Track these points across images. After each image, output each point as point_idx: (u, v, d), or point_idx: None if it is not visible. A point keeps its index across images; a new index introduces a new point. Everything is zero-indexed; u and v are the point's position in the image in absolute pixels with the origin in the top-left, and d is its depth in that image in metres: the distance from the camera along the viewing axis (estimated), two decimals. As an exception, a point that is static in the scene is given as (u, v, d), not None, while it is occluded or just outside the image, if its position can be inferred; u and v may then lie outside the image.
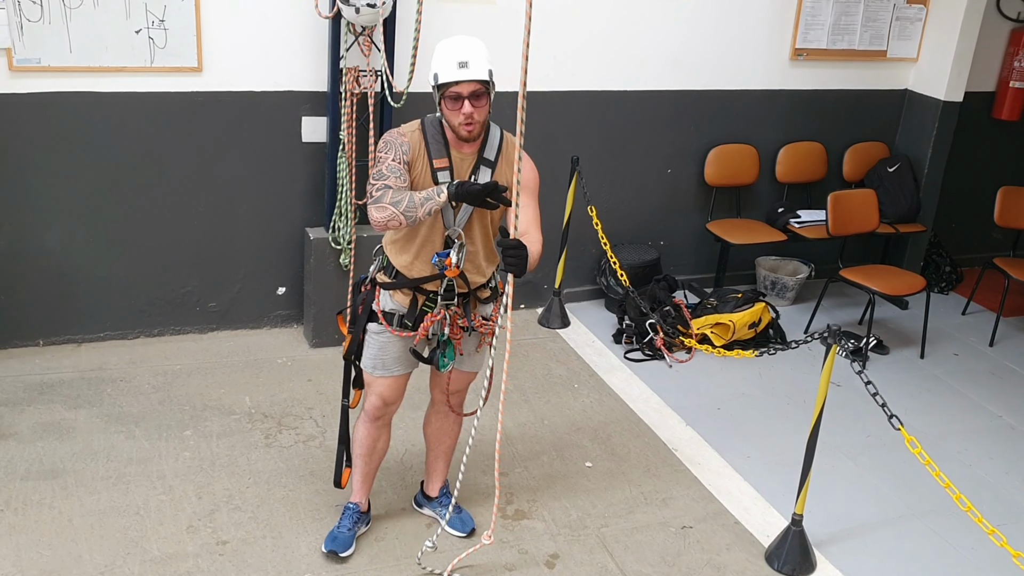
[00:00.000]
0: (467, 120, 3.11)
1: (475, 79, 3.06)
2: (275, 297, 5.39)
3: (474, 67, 3.07)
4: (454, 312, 3.39)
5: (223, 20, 4.71)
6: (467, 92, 3.07)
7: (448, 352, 3.44)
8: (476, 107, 3.10)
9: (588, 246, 5.85)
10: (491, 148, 3.28)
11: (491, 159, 3.28)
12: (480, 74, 3.08)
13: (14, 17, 4.37)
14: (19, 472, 3.98)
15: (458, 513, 3.88)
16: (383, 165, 3.21)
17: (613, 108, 5.69)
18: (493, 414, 4.71)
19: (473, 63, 3.08)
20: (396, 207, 3.10)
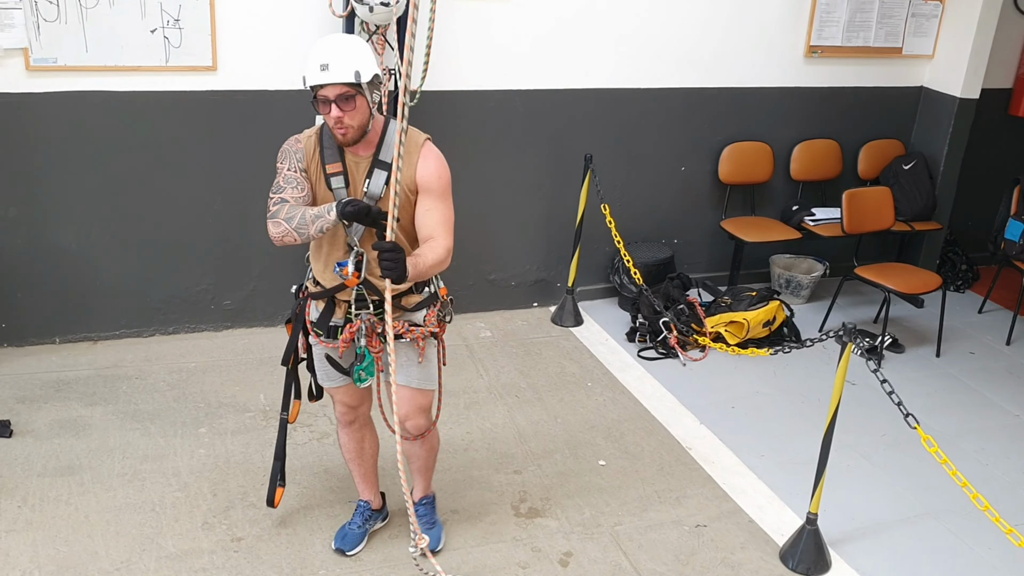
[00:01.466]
0: (337, 124, 2.95)
1: (336, 82, 2.88)
2: (289, 295, 5.35)
3: (336, 69, 2.88)
4: (372, 322, 3.19)
5: (237, 19, 4.73)
6: (333, 95, 2.90)
7: (368, 367, 3.21)
8: (345, 111, 2.92)
9: (601, 244, 5.84)
10: (388, 149, 3.07)
11: (387, 161, 3.06)
12: (342, 76, 2.88)
13: (31, 17, 4.40)
14: (36, 468, 4.01)
15: (430, 528, 3.72)
16: (280, 176, 3.10)
17: (627, 106, 5.67)
18: (507, 411, 4.74)
19: (336, 65, 2.88)
20: (289, 223, 2.99)
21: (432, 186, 3.09)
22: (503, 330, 5.64)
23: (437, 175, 3.11)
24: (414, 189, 3.09)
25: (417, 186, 3.09)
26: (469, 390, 4.94)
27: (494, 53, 5.23)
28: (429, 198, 3.08)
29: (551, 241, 5.81)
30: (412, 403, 3.37)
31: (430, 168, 3.08)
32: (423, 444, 3.53)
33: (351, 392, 3.43)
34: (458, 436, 4.52)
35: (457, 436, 4.52)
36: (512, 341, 5.52)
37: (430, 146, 3.13)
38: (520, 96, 5.38)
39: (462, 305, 5.72)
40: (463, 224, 5.45)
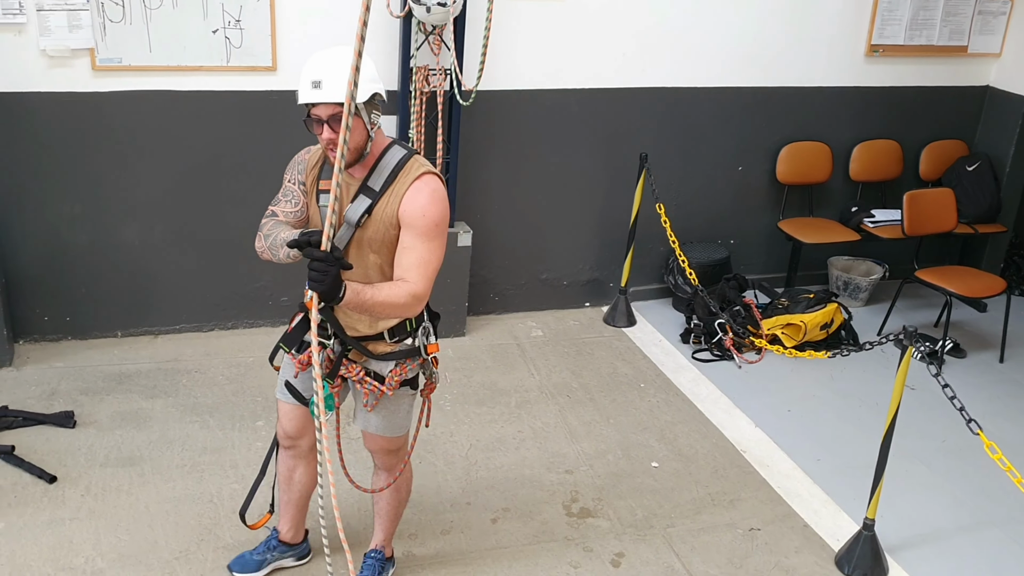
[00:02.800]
0: (330, 146, 2.72)
1: (328, 101, 2.63)
2: (344, 293, 5.45)
3: (328, 88, 2.62)
4: (332, 357, 2.94)
5: (297, 20, 4.79)
6: (325, 115, 2.66)
7: (327, 400, 2.86)
8: (338, 132, 2.64)
9: (656, 244, 5.81)
10: (379, 176, 2.79)
11: (375, 188, 2.79)
12: (335, 95, 2.61)
13: (97, 18, 4.51)
14: (99, 459, 4.11)
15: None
16: (282, 187, 3.00)
17: (683, 104, 5.63)
18: (558, 411, 4.72)
19: (328, 82, 2.62)
20: (266, 241, 2.88)
21: (414, 223, 2.75)
22: (555, 330, 5.63)
23: (422, 212, 2.74)
24: (394, 223, 2.77)
25: (398, 220, 2.77)
26: (520, 389, 4.95)
27: (550, 52, 5.23)
28: (408, 235, 2.76)
29: (604, 241, 5.79)
30: (375, 444, 3.17)
31: (416, 203, 2.74)
32: (392, 487, 3.29)
33: (294, 417, 3.20)
34: (509, 435, 4.53)
35: (508, 435, 4.52)
36: (564, 341, 5.51)
37: (428, 180, 2.78)
38: (575, 95, 5.37)
39: (513, 304, 5.74)
40: (515, 222, 5.53)
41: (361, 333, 2.95)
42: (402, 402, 3.08)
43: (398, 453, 3.22)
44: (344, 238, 2.82)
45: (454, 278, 5.28)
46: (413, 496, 3.97)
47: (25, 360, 4.85)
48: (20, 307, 4.92)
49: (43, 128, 4.63)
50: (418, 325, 3.01)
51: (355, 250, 2.84)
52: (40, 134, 4.65)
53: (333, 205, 2.26)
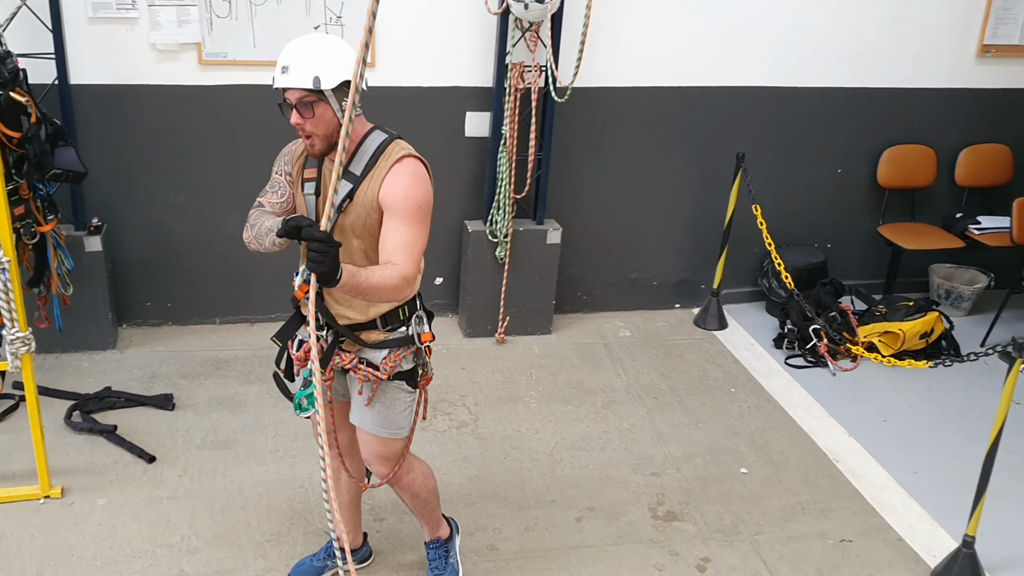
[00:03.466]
0: (300, 132, 2.73)
1: (291, 86, 2.62)
2: (432, 287, 5.51)
3: (295, 72, 2.61)
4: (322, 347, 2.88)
5: (396, 17, 4.84)
6: (293, 100, 2.66)
7: (311, 395, 2.83)
8: (305, 118, 2.66)
9: (750, 246, 5.70)
10: (359, 160, 2.78)
11: (355, 173, 2.77)
12: (298, 81, 2.61)
13: (205, 14, 4.65)
14: (196, 441, 4.24)
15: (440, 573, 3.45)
16: (270, 179, 3.00)
17: (782, 104, 5.51)
18: (645, 413, 4.68)
19: (296, 67, 2.61)
20: (252, 230, 2.88)
21: (396, 206, 2.71)
22: (643, 330, 5.58)
23: (403, 195, 2.71)
24: (376, 207, 2.75)
25: (379, 205, 2.74)
26: (607, 389, 4.91)
27: (647, 49, 5.17)
28: (391, 218, 2.72)
29: (697, 241, 5.71)
30: (369, 448, 3.07)
31: (396, 186, 2.71)
32: (402, 491, 3.23)
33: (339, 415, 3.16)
34: (595, 434, 4.50)
35: (594, 434, 4.50)
36: (652, 342, 5.45)
37: (408, 163, 2.75)
38: (672, 93, 5.31)
39: (601, 303, 5.71)
40: (606, 221, 5.49)
41: (353, 321, 2.90)
42: (398, 398, 2.99)
43: (394, 460, 3.10)
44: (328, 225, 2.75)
45: (542, 275, 5.28)
46: (497, 491, 4.01)
47: (128, 344, 5.04)
48: (125, 293, 5.10)
49: (151, 120, 4.80)
50: (411, 313, 2.96)
51: (338, 235, 2.78)
52: (149, 126, 4.81)
53: (335, 184, 2.22)
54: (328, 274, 2.43)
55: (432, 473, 3.33)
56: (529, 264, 5.22)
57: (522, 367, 5.07)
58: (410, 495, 3.26)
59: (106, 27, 4.57)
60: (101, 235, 4.75)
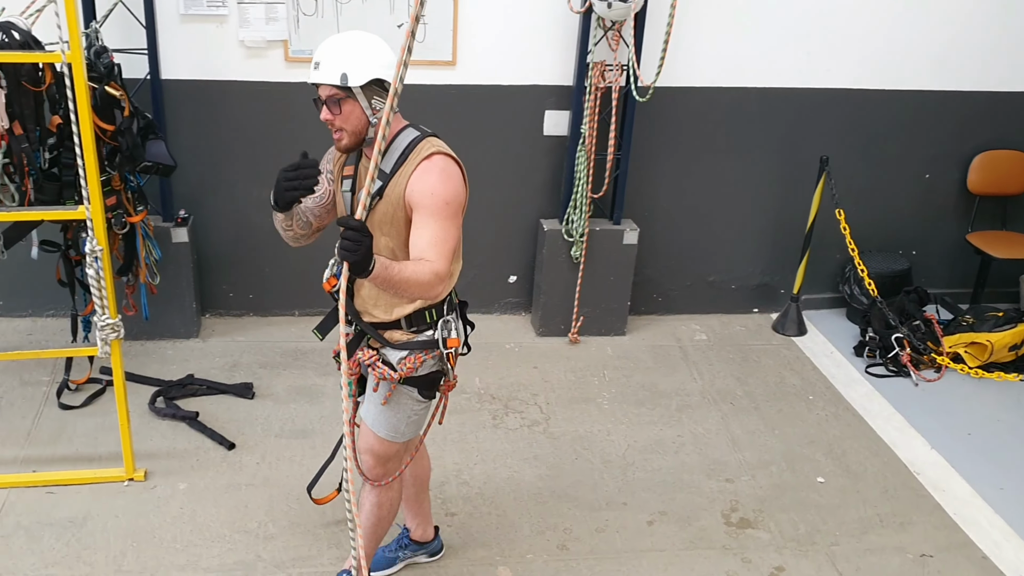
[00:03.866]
0: (329, 127, 2.74)
1: (319, 82, 2.65)
2: (506, 285, 5.52)
3: (324, 68, 2.63)
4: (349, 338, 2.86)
5: (478, 15, 4.87)
6: (324, 96, 2.67)
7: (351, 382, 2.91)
8: (333, 114, 2.68)
9: (832, 251, 5.58)
10: (389, 157, 2.77)
11: (385, 170, 2.76)
12: (327, 77, 2.63)
13: (292, 12, 4.74)
14: (274, 429, 4.32)
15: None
16: None
17: (869, 107, 5.37)
18: (720, 418, 4.61)
19: (326, 64, 2.63)
20: (277, 223, 2.93)
21: (423, 202, 2.69)
22: (720, 334, 5.50)
23: (430, 191, 2.68)
24: (403, 204, 2.73)
25: (408, 202, 2.72)
26: (681, 392, 4.86)
27: (731, 49, 5.10)
28: (420, 215, 2.70)
29: (777, 245, 5.61)
30: (364, 440, 3.03)
31: (424, 183, 2.69)
32: (370, 502, 3.11)
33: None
34: (669, 438, 4.46)
35: (668, 438, 4.46)
36: (729, 346, 5.37)
37: (437, 160, 2.73)
38: (755, 94, 5.22)
39: (677, 305, 5.65)
40: (684, 222, 5.44)
41: (377, 319, 2.88)
42: (406, 404, 2.93)
43: (385, 465, 3.05)
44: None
45: (618, 276, 5.25)
46: (568, 490, 4.00)
47: (211, 333, 5.16)
48: (208, 283, 5.24)
49: (238, 115, 4.90)
50: (439, 316, 2.90)
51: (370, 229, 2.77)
52: (235, 121, 4.92)
53: (373, 173, 2.18)
54: (360, 263, 2.39)
55: (399, 507, 3.22)
56: (604, 264, 5.19)
57: (595, 368, 5.05)
58: (375, 509, 3.12)
59: (197, 24, 4.70)
60: (188, 227, 4.89)
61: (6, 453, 4.07)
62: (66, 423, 4.29)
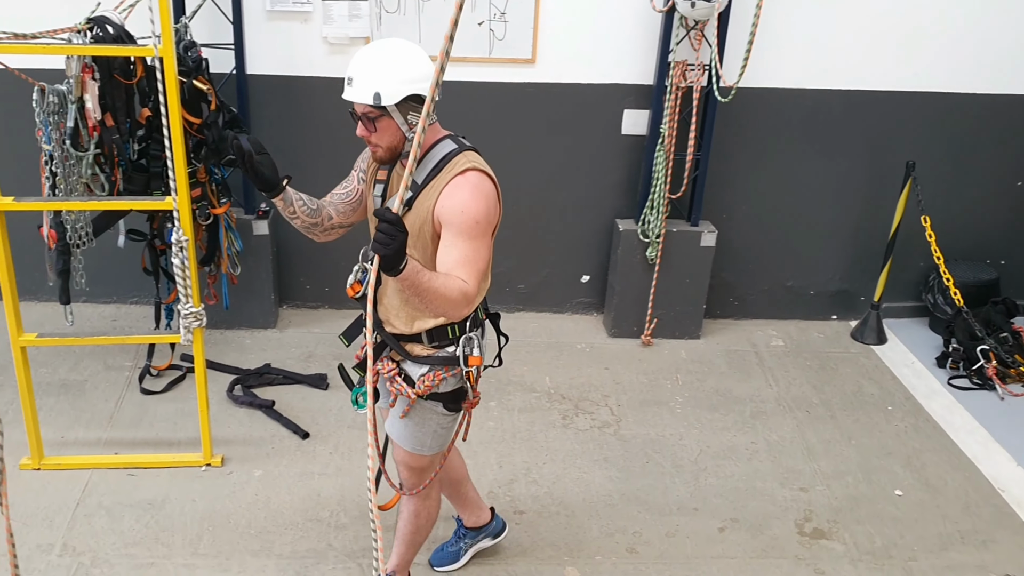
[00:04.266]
0: (365, 141, 2.67)
1: (354, 100, 2.57)
2: (579, 284, 5.50)
3: (358, 86, 2.54)
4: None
5: (559, 13, 4.85)
6: (358, 112, 2.60)
7: (364, 392, 2.88)
8: (368, 130, 2.60)
9: (915, 259, 5.43)
10: (423, 169, 2.68)
11: (416, 181, 2.68)
12: (359, 96, 2.54)
13: (375, 8, 4.79)
14: (347, 420, 4.38)
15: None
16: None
17: (959, 112, 5.20)
18: (795, 426, 4.52)
19: (359, 81, 2.54)
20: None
21: (452, 220, 2.58)
22: (796, 340, 5.40)
23: (460, 209, 2.57)
24: (431, 219, 2.64)
25: (436, 219, 2.62)
26: (756, 398, 4.78)
27: (816, 50, 4.99)
28: (449, 233, 2.59)
29: (858, 251, 5.47)
30: (397, 454, 3.02)
31: (453, 200, 2.58)
32: (407, 503, 3.11)
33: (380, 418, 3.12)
34: (742, 444, 4.39)
35: (741, 444, 4.39)
36: (806, 353, 5.27)
37: (471, 177, 2.62)
38: (840, 96, 5.10)
39: (753, 310, 5.56)
40: (763, 226, 5.35)
41: (397, 330, 2.81)
42: (430, 419, 2.88)
43: (421, 473, 3.02)
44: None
45: (694, 278, 5.18)
46: (638, 494, 3.96)
47: (287, 324, 5.26)
48: (287, 275, 5.33)
49: (319, 110, 4.97)
50: (461, 333, 2.80)
51: None
52: (316, 116, 4.99)
53: (411, 167, 2.01)
54: (392, 259, 2.27)
55: (437, 515, 3.22)
56: (680, 266, 5.14)
57: (668, 371, 5.00)
58: (412, 518, 3.14)
59: (282, 20, 4.78)
60: (268, 219, 4.98)
61: (90, 435, 4.20)
62: (147, 408, 4.41)
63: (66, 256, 4.06)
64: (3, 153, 3.58)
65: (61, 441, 4.14)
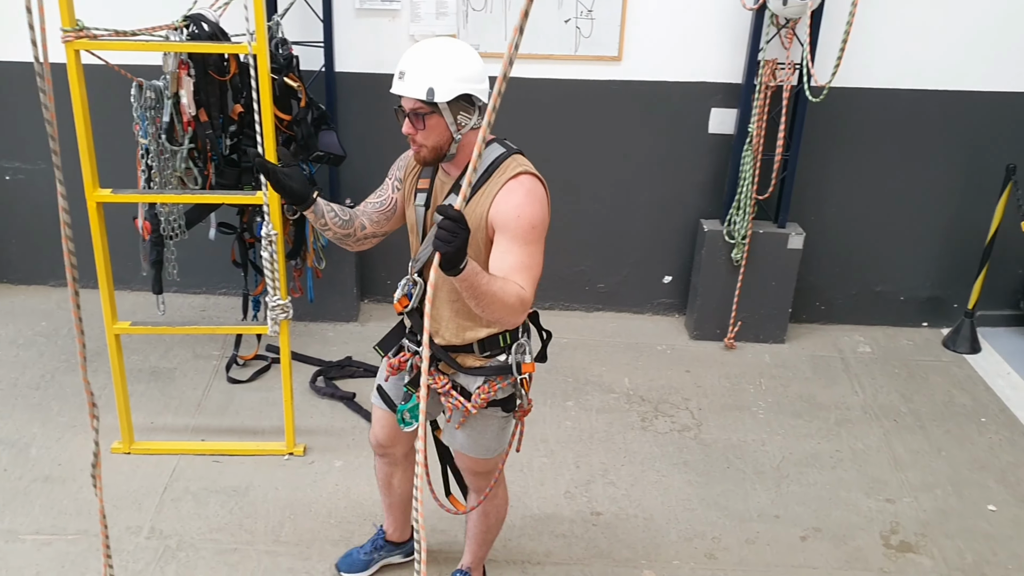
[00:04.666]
0: (410, 140, 2.57)
1: (404, 94, 2.50)
2: (660, 285, 5.44)
3: (410, 80, 2.47)
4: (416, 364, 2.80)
5: (647, 10, 4.81)
6: (407, 108, 2.52)
7: (412, 409, 2.79)
8: (416, 128, 2.52)
9: (1014, 265, 5.23)
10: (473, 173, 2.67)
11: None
12: (411, 90, 2.47)
13: (462, 6, 4.81)
14: (425, 416, 4.40)
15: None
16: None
17: (1064, 113, 5.00)
18: (882, 435, 4.40)
19: (412, 75, 2.47)
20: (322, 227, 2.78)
21: (508, 224, 2.52)
22: (884, 347, 5.25)
23: (516, 213, 2.51)
24: (484, 226, 2.57)
25: (490, 224, 2.56)
26: (841, 405, 4.66)
27: (912, 49, 4.84)
28: (503, 238, 2.53)
29: (952, 257, 5.29)
30: (462, 463, 3.00)
31: (508, 204, 2.53)
32: (484, 504, 3.09)
33: (386, 425, 3.06)
34: (826, 452, 4.28)
35: (825, 452, 4.28)
36: (894, 360, 5.11)
37: (524, 180, 2.57)
38: (936, 97, 4.94)
39: (840, 315, 5.43)
40: (852, 228, 5.22)
41: (447, 342, 2.75)
42: (490, 423, 2.83)
43: (487, 476, 2.99)
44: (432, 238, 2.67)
45: (779, 281, 5.08)
46: (718, 499, 3.90)
47: (368, 317, 5.32)
48: (368, 271, 5.40)
49: (406, 107, 5.02)
50: (513, 341, 2.76)
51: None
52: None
53: (465, 193, 1.88)
54: (454, 258, 2.17)
55: (507, 510, 3.23)
56: (766, 268, 5.04)
57: (751, 375, 4.91)
58: (483, 519, 3.15)
59: (371, 18, 4.84)
60: (353, 214, 5.04)
61: (178, 421, 4.32)
62: (233, 396, 4.52)
63: (159, 247, 4.19)
64: (102, 147, 3.69)
65: (151, 427, 4.27)
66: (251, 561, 3.49)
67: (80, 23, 3.41)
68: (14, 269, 5.51)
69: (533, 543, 3.64)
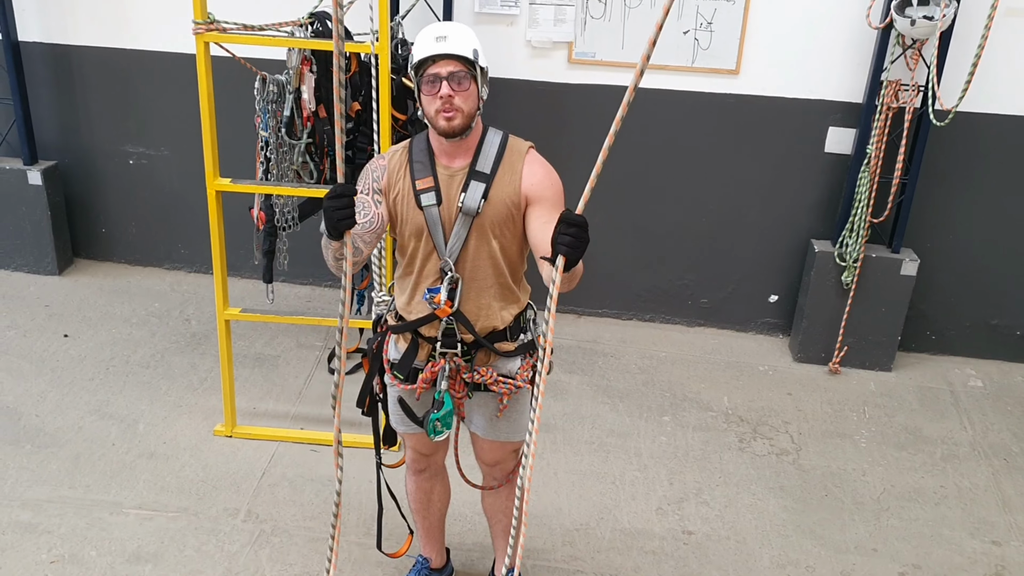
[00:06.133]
0: (445, 105, 2.54)
1: (453, 53, 2.53)
2: (765, 304, 5.33)
3: (454, 41, 2.56)
4: (458, 365, 2.80)
5: (768, 25, 4.72)
6: (445, 72, 2.54)
7: (445, 417, 2.80)
8: (457, 91, 2.54)
9: None
10: (485, 158, 2.68)
11: (485, 171, 2.66)
12: (460, 48, 2.55)
13: (580, 14, 4.81)
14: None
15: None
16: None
17: None
18: (991, 474, 4.21)
19: (454, 38, 2.56)
20: (325, 250, 2.61)
21: (545, 194, 2.66)
22: (998, 383, 5.02)
23: (549, 181, 2.69)
24: (518, 202, 2.67)
25: (524, 198, 2.67)
26: (948, 440, 4.49)
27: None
28: (543, 208, 2.64)
29: (1077, 294, 5.05)
30: (498, 452, 3.03)
31: (538, 175, 2.68)
32: (509, 496, 3.09)
33: (425, 439, 3.01)
34: (930, 488, 4.13)
35: (929, 487, 4.13)
36: (1008, 397, 4.89)
37: (535, 154, 2.74)
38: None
39: (952, 346, 5.22)
40: (969, 258, 5.03)
41: (494, 329, 2.80)
42: (525, 400, 2.91)
43: (515, 455, 3.07)
44: (463, 231, 2.68)
45: (890, 307, 4.92)
46: (814, 527, 3.82)
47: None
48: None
49: (519, 113, 5.03)
50: (532, 315, 2.92)
51: (476, 239, 2.69)
52: (515, 117, 5.03)
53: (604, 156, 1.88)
54: (579, 257, 2.22)
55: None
56: (877, 294, 4.88)
57: (854, 402, 4.76)
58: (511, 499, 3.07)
59: (489, 23, 4.88)
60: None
61: (280, 408, 4.43)
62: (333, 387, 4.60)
63: (273, 237, 4.30)
64: (224, 138, 3.82)
65: (253, 412, 4.39)
66: (342, 551, 3.56)
67: (211, 16, 3.53)
68: (132, 250, 5.74)
69: (622, 557, 3.60)
